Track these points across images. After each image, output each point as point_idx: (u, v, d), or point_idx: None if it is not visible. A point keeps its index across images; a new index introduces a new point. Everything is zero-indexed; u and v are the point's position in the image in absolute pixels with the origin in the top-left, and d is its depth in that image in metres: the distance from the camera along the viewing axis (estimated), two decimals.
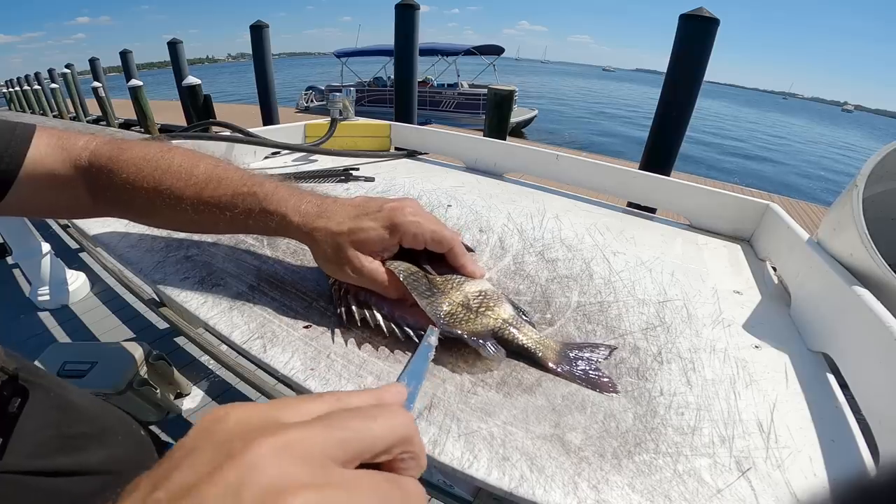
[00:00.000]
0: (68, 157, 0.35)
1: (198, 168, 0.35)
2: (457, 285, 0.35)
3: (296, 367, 0.31)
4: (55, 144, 0.34)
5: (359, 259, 0.33)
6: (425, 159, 0.87)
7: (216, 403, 1.31)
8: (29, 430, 0.32)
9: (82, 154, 0.35)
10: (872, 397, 0.29)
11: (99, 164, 0.35)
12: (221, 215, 0.34)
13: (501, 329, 0.33)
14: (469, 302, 0.34)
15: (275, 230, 0.35)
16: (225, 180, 0.35)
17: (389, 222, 0.33)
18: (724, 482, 0.24)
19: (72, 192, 0.36)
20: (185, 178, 0.34)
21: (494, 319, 0.33)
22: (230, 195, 0.34)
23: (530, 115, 11.28)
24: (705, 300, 0.43)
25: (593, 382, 0.31)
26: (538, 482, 0.24)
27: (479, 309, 0.33)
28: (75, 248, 2.16)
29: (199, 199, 0.34)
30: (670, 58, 2.61)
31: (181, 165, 0.35)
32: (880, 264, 0.34)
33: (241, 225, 0.35)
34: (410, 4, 3.59)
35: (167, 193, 0.34)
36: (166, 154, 0.35)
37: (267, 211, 0.34)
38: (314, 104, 11.40)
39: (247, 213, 0.34)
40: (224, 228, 0.37)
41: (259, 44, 4.87)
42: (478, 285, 0.35)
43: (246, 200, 0.34)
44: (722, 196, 0.59)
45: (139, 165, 0.34)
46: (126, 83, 5.92)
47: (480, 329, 0.32)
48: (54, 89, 8.59)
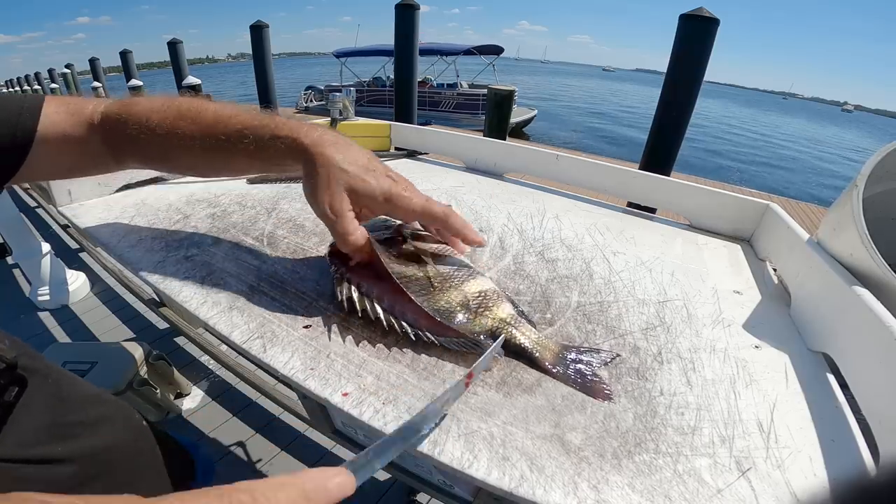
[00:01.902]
0: (79, 120, 0.37)
1: (207, 110, 0.37)
2: (457, 284, 0.35)
3: (296, 366, 0.31)
4: (64, 110, 0.36)
5: (343, 202, 0.33)
6: (425, 159, 0.87)
7: (216, 403, 1.31)
8: (24, 418, 0.32)
9: (94, 115, 0.37)
10: (872, 397, 0.29)
11: (111, 120, 0.37)
12: (233, 148, 0.35)
13: (499, 329, 0.33)
14: (469, 302, 0.34)
15: (283, 153, 0.35)
16: (235, 116, 0.36)
17: (388, 193, 0.34)
18: (724, 482, 0.24)
19: (89, 150, 0.38)
20: (194, 120, 0.36)
21: (492, 320, 0.33)
22: (241, 127, 0.35)
23: (530, 115, 11.28)
24: (705, 300, 0.43)
25: (587, 387, 0.30)
26: (538, 482, 0.24)
27: (479, 309, 0.33)
28: (75, 248, 2.16)
29: (210, 136, 0.36)
30: (670, 58, 2.61)
31: (189, 109, 0.37)
32: (880, 264, 0.34)
33: (251, 157, 0.36)
34: (410, 4, 3.59)
35: (179, 136, 0.36)
36: (174, 102, 0.37)
37: (277, 135, 0.35)
38: (314, 104, 11.39)
39: (257, 142, 0.35)
40: (235, 165, 0.38)
41: (259, 44, 4.87)
42: (479, 285, 0.35)
43: (258, 130, 0.35)
44: (722, 196, 0.59)
45: (149, 115, 0.36)
46: (126, 83, 5.92)
47: (479, 328, 0.32)
48: (54, 89, 8.59)
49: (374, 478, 1.07)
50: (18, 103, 0.35)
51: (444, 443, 0.26)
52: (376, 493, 1.05)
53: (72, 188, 0.55)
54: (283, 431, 1.22)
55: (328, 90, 4.96)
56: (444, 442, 0.26)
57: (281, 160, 0.36)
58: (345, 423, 0.47)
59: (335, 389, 0.29)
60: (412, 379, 0.30)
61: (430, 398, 0.29)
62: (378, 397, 0.29)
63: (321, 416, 0.48)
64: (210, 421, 1.25)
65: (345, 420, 0.46)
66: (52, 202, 0.56)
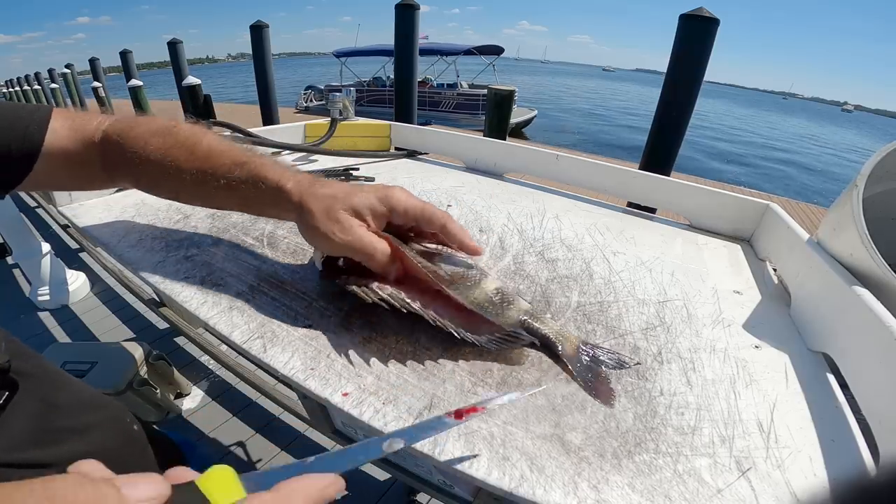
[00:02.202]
0: (81, 137, 0.38)
1: (201, 143, 0.37)
2: (475, 283, 0.35)
3: (296, 366, 0.31)
4: (68, 126, 0.37)
5: (349, 221, 0.33)
6: (425, 159, 0.87)
7: (216, 403, 1.31)
8: (12, 422, 0.33)
9: (95, 133, 0.38)
10: (872, 397, 0.29)
11: (110, 141, 0.37)
12: (217, 184, 0.36)
13: (527, 320, 0.33)
14: (492, 298, 0.34)
15: (267, 195, 0.35)
16: (226, 153, 0.37)
17: (382, 194, 0.35)
18: (724, 482, 0.24)
19: (86, 167, 0.39)
20: (188, 151, 0.37)
21: (518, 311, 0.34)
22: (228, 164, 0.36)
23: (530, 115, 11.28)
24: (705, 300, 0.43)
25: (592, 388, 0.30)
26: (538, 482, 0.24)
27: (503, 304, 0.34)
28: (75, 248, 2.16)
29: (199, 170, 0.36)
30: (670, 58, 2.60)
31: (186, 139, 0.37)
32: (880, 264, 0.34)
33: (234, 193, 0.36)
34: (410, 4, 3.59)
35: (172, 165, 0.36)
36: (172, 130, 0.38)
37: (262, 176, 0.35)
38: (314, 104, 11.39)
39: (241, 180, 0.35)
40: (220, 199, 0.38)
41: (259, 44, 4.86)
42: (494, 283, 0.35)
43: (242, 169, 0.36)
44: (722, 196, 0.59)
45: (147, 140, 0.37)
46: (126, 83, 5.92)
47: (510, 321, 0.33)
48: (54, 89, 8.59)
49: (375, 478, 1.07)
50: (29, 114, 0.36)
51: (444, 443, 0.26)
52: (376, 493, 1.05)
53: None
54: (283, 431, 1.22)
55: (328, 90, 4.96)
56: (444, 442, 0.26)
57: (263, 204, 0.36)
58: (345, 423, 0.47)
59: (335, 389, 0.29)
60: (412, 379, 0.30)
61: (430, 398, 0.29)
62: (378, 397, 0.29)
63: (321, 416, 0.48)
64: (210, 421, 1.25)
65: (345, 420, 0.46)
66: (52, 202, 0.56)
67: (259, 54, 4.94)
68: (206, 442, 1.18)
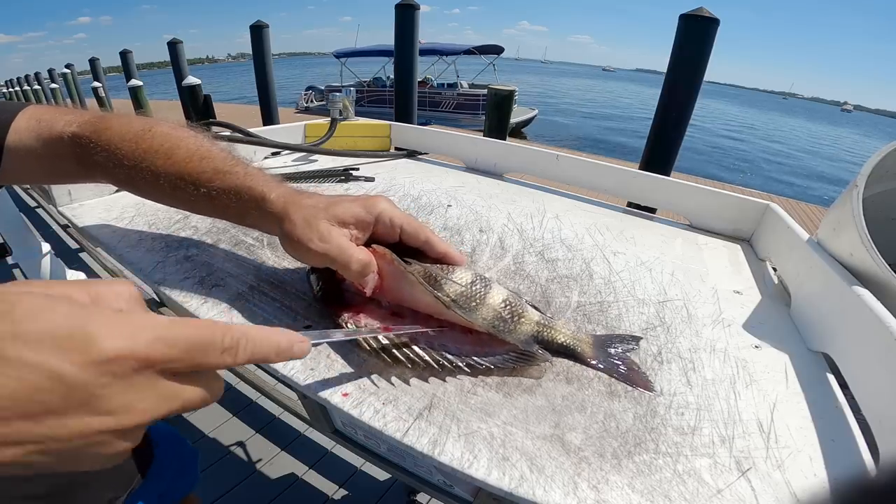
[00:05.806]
0: (47, 136, 0.36)
1: (179, 148, 0.36)
2: (481, 301, 0.32)
3: (296, 367, 0.31)
4: (34, 125, 0.36)
5: (330, 230, 0.32)
6: (425, 159, 0.87)
7: (216, 403, 1.31)
8: None
9: (63, 132, 0.36)
10: (872, 397, 0.29)
11: (80, 142, 0.36)
12: (196, 191, 0.35)
13: (540, 332, 0.33)
14: (502, 314, 0.32)
15: (248, 206, 0.34)
16: (207, 159, 0.36)
17: (368, 203, 0.34)
18: (724, 482, 0.24)
19: (59, 163, 0.37)
20: (164, 157, 0.35)
21: (530, 324, 0.33)
22: (210, 172, 0.35)
23: (530, 115, 11.27)
24: (705, 300, 0.43)
25: (632, 379, 0.31)
26: (538, 482, 0.24)
27: (513, 318, 0.32)
28: (75, 248, 2.16)
29: (177, 176, 0.35)
30: (670, 58, 2.60)
31: (161, 146, 0.35)
32: (880, 264, 0.34)
33: (215, 201, 0.35)
34: (410, 4, 3.59)
35: (147, 171, 0.35)
36: (146, 135, 0.36)
37: (243, 186, 0.34)
38: (314, 104, 11.39)
39: (222, 189, 0.35)
40: (200, 206, 0.37)
41: (259, 44, 4.86)
42: (499, 294, 0.33)
43: (225, 178, 0.35)
44: (722, 196, 0.59)
45: (118, 145, 0.35)
46: (126, 83, 5.92)
47: (523, 337, 0.32)
48: (54, 89, 8.59)
49: (374, 478, 1.07)
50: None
51: (444, 443, 0.26)
52: (376, 493, 1.05)
53: (72, 188, 0.55)
54: (283, 431, 1.22)
55: (328, 90, 4.96)
56: (444, 442, 0.26)
57: (245, 213, 0.35)
58: (345, 423, 0.47)
59: (335, 389, 0.29)
60: (412, 379, 0.30)
61: (430, 398, 0.29)
62: (378, 397, 0.29)
63: (321, 416, 0.48)
64: (210, 421, 1.24)
65: (345, 420, 0.46)
66: (52, 202, 0.56)
67: (259, 54, 4.94)
68: (206, 442, 1.18)
